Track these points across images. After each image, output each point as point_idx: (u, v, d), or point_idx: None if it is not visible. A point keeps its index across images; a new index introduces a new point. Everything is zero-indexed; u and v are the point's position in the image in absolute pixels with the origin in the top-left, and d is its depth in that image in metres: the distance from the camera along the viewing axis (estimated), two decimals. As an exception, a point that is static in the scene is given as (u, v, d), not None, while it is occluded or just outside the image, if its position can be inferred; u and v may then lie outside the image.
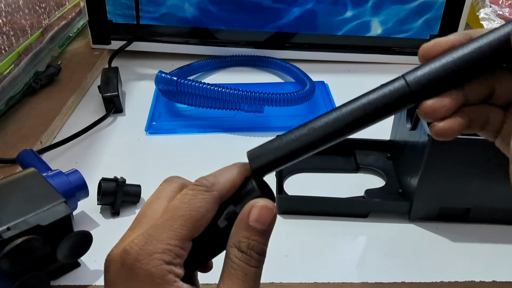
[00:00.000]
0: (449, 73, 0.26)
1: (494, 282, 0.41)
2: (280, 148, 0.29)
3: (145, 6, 0.76)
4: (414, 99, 0.27)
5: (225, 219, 0.26)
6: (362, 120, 0.27)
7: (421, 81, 0.27)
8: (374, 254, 0.43)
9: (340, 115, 0.27)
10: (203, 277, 0.40)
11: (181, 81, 0.59)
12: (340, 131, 0.27)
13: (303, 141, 0.28)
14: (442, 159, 0.42)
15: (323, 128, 0.28)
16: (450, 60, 0.27)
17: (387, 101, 0.28)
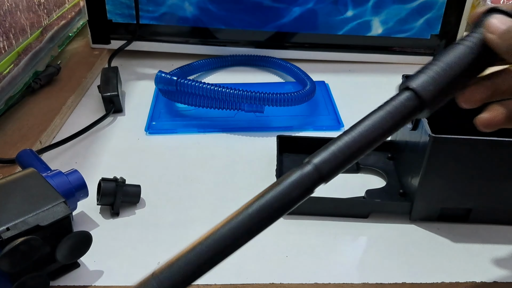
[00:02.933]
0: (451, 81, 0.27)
1: (495, 283, 0.41)
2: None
3: (145, 5, 0.76)
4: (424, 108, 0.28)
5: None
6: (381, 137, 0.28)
7: (429, 89, 0.28)
8: (375, 255, 0.43)
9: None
10: (202, 276, 0.40)
11: (181, 81, 0.59)
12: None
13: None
14: (443, 159, 0.42)
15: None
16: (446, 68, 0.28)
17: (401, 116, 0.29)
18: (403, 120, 0.29)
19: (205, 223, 0.46)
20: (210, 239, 0.28)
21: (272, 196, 0.28)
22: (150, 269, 0.41)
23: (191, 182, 0.52)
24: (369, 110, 0.71)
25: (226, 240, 0.28)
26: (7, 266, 0.34)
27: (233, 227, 0.28)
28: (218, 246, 0.28)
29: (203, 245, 0.28)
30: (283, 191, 0.28)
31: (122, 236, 0.45)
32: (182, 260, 0.28)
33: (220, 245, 0.28)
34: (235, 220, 0.29)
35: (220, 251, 0.28)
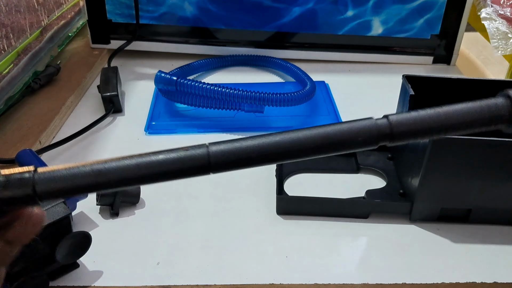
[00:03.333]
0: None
1: (495, 283, 0.41)
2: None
3: (145, 5, 0.76)
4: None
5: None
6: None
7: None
8: (375, 255, 0.43)
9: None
10: (203, 277, 0.40)
11: (181, 81, 0.59)
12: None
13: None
14: (443, 159, 0.42)
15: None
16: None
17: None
18: (488, 122, 0.28)
19: (205, 223, 0.46)
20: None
21: (336, 129, 0.27)
22: (150, 269, 0.41)
23: (191, 182, 0.52)
24: (369, 110, 0.71)
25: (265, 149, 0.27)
26: (7, 267, 0.34)
27: (285, 138, 0.27)
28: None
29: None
30: (349, 129, 0.27)
31: (121, 236, 0.44)
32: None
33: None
34: (288, 133, 0.27)
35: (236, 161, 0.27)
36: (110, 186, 0.26)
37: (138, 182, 0.27)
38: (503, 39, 0.69)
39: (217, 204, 0.49)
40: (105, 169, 0.27)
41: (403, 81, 0.50)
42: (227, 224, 0.46)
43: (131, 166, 0.27)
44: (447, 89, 0.51)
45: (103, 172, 0.27)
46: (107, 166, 0.27)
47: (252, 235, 0.45)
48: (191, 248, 0.43)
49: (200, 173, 0.27)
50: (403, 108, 0.49)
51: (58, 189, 0.26)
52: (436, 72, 0.77)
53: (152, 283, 0.40)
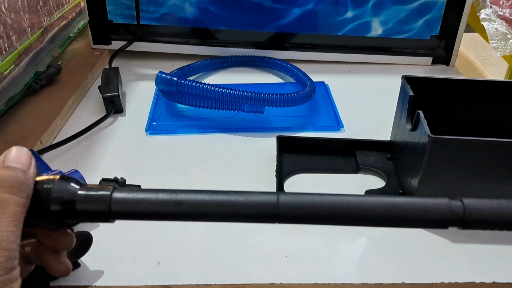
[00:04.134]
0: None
1: (494, 283, 0.41)
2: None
3: (146, 6, 0.76)
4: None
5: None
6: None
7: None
8: (374, 255, 0.43)
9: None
10: (203, 276, 0.40)
11: (182, 81, 0.59)
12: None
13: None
14: (442, 159, 0.42)
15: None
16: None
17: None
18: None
19: (205, 223, 0.47)
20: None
21: (410, 203, 0.27)
22: (150, 269, 0.41)
23: (191, 182, 0.52)
24: (369, 110, 0.71)
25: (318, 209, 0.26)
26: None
27: (348, 202, 0.27)
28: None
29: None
30: (423, 206, 0.27)
31: (122, 236, 0.45)
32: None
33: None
34: (353, 197, 0.27)
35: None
36: (184, 218, 0.27)
37: (211, 219, 0.27)
38: (502, 40, 0.69)
39: (218, 204, 0.49)
40: (183, 200, 0.27)
41: (402, 82, 0.50)
42: (227, 224, 0.46)
43: (207, 202, 0.27)
44: (446, 90, 0.51)
45: (180, 203, 0.27)
46: (185, 198, 0.28)
47: (252, 235, 0.45)
48: (192, 248, 0.44)
49: (268, 220, 0.27)
50: (403, 109, 0.49)
51: (132, 212, 0.26)
52: (435, 73, 0.77)
53: (153, 283, 0.40)
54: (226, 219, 0.27)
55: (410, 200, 0.27)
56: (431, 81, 0.51)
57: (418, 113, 0.45)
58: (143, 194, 0.27)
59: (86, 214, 0.26)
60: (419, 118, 0.44)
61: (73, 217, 0.26)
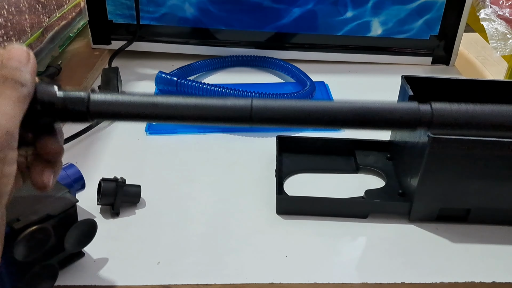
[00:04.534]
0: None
1: (494, 283, 0.41)
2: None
3: (145, 6, 0.76)
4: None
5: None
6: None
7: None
8: (374, 255, 0.43)
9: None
10: (203, 276, 0.40)
11: (181, 81, 0.59)
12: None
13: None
14: (442, 159, 0.42)
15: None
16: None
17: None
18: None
19: (205, 223, 0.47)
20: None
21: (382, 105, 0.28)
22: (150, 269, 0.41)
23: (191, 182, 0.52)
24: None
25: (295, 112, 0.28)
26: (22, 254, 0.34)
27: (320, 106, 0.28)
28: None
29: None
30: (391, 108, 0.29)
31: (122, 236, 0.45)
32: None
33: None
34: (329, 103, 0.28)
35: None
36: (158, 119, 0.28)
37: (186, 121, 0.28)
38: (502, 40, 0.69)
39: (217, 204, 0.49)
40: (159, 102, 0.28)
41: (402, 82, 0.50)
42: (227, 224, 0.46)
43: (182, 105, 0.28)
44: (446, 90, 0.51)
45: (157, 105, 0.28)
46: (161, 101, 0.28)
47: (252, 235, 0.45)
48: (191, 247, 0.44)
49: (242, 122, 0.28)
50: (402, 109, 0.49)
51: (109, 112, 0.28)
52: (435, 73, 0.77)
53: (153, 282, 0.40)
54: (202, 121, 0.28)
55: (381, 103, 0.28)
56: (431, 81, 0.51)
57: (417, 113, 0.44)
58: (121, 96, 0.28)
59: (66, 113, 0.29)
60: (418, 118, 0.44)
61: (53, 116, 0.29)
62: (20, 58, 0.29)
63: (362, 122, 0.28)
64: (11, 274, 0.36)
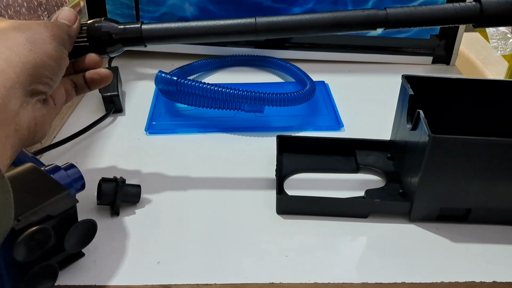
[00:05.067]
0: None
1: (494, 282, 0.41)
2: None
3: (145, 5, 0.76)
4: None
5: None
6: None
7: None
8: (375, 255, 0.43)
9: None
10: (203, 276, 0.40)
11: (181, 81, 0.59)
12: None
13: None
14: (442, 159, 0.42)
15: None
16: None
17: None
18: (458, 19, 0.40)
19: (205, 223, 0.47)
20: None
21: (349, 13, 0.41)
22: (150, 269, 0.41)
23: (191, 182, 0.52)
24: (369, 110, 0.71)
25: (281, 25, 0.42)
26: (22, 255, 0.34)
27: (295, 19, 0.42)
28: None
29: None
30: (358, 14, 0.41)
31: (122, 236, 0.45)
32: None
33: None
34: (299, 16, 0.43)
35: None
36: (193, 38, 0.43)
37: (207, 38, 0.43)
38: (502, 39, 0.69)
39: (217, 204, 0.49)
40: (193, 26, 0.42)
41: (402, 81, 0.50)
42: (227, 223, 0.46)
43: (206, 26, 0.42)
44: (446, 89, 0.51)
45: (191, 28, 0.42)
46: (194, 25, 0.42)
47: (252, 235, 0.45)
48: (191, 247, 0.44)
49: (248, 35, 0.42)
50: (403, 108, 0.49)
51: (158, 35, 0.42)
52: (435, 72, 0.77)
53: (153, 282, 0.40)
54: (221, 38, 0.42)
55: (348, 12, 0.41)
56: (431, 80, 0.51)
57: (418, 112, 0.44)
58: (161, 25, 0.43)
59: (126, 40, 0.42)
60: (419, 117, 0.44)
61: (115, 43, 0.42)
62: (69, 17, 0.40)
63: (338, 26, 0.42)
64: (11, 274, 0.36)
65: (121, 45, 0.42)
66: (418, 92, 0.47)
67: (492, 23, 0.41)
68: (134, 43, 0.42)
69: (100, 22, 0.42)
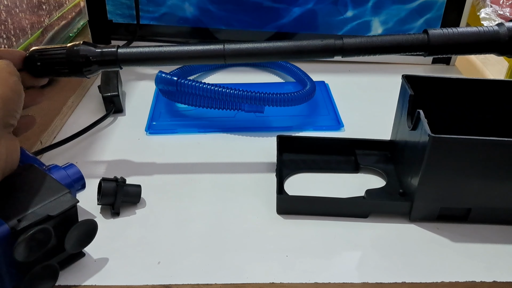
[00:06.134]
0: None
1: (494, 282, 0.41)
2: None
3: (145, 5, 0.76)
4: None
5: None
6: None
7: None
8: (375, 255, 0.43)
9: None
10: (203, 276, 0.40)
11: (181, 81, 0.59)
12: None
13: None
14: (442, 159, 0.42)
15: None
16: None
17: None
18: (408, 48, 0.44)
19: (205, 223, 0.47)
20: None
21: (309, 42, 0.45)
22: (150, 269, 0.41)
23: (191, 182, 0.52)
24: (369, 110, 0.71)
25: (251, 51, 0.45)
26: (22, 255, 0.34)
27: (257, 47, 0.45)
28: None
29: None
30: (312, 42, 0.45)
31: (122, 236, 0.45)
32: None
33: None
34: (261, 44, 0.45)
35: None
36: (163, 61, 0.46)
37: (179, 62, 0.47)
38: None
39: (217, 204, 0.49)
40: (166, 51, 0.45)
41: (402, 81, 0.50)
42: (227, 223, 0.46)
43: (177, 51, 0.45)
44: (446, 89, 0.51)
45: (163, 52, 0.45)
46: (167, 50, 0.45)
47: (252, 235, 0.45)
48: (192, 247, 0.44)
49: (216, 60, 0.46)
50: (403, 108, 0.49)
51: (132, 59, 0.45)
52: (435, 72, 0.77)
53: (153, 282, 0.40)
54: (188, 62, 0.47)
55: (309, 41, 0.45)
56: (431, 80, 0.51)
57: (418, 112, 0.45)
58: (136, 49, 0.45)
59: (102, 62, 0.45)
60: (419, 117, 0.44)
61: (91, 65, 0.44)
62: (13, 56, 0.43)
63: (297, 54, 0.45)
64: (11, 274, 0.36)
65: (97, 67, 0.45)
66: (418, 92, 0.47)
67: (439, 51, 0.43)
68: (110, 65, 0.45)
69: (78, 46, 0.44)
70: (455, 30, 0.43)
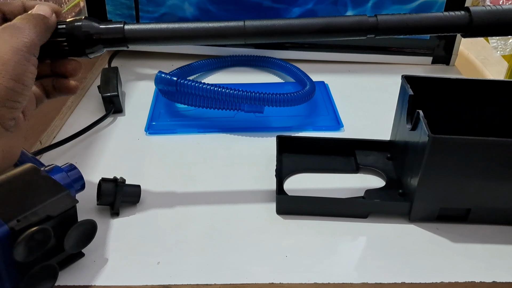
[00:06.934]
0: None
1: (494, 282, 0.41)
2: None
3: (145, 6, 0.76)
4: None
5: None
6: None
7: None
8: (374, 255, 0.43)
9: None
10: (203, 276, 0.40)
11: (181, 81, 0.59)
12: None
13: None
14: (442, 159, 0.42)
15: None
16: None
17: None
18: (447, 28, 0.41)
19: (205, 223, 0.47)
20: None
21: (340, 19, 0.40)
22: (150, 269, 0.41)
23: (191, 182, 0.52)
24: (369, 110, 0.71)
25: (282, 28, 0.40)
26: (22, 255, 0.34)
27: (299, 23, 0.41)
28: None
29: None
30: (342, 19, 0.40)
31: (122, 236, 0.45)
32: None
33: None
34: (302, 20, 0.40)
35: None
36: (179, 41, 0.40)
37: (194, 41, 0.41)
38: (502, 39, 0.69)
39: (217, 204, 0.49)
40: (177, 28, 0.40)
41: (402, 82, 0.50)
42: (227, 223, 0.46)
43: (196, 28, 0.40)
44: (446, 90, 0.51)
45: (176, 29, 0.40)
46: (180, 27, 0.40)
47: (252, 235, 0.45)
48: (191, 247, 0.44)
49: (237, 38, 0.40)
50: (403, 108, 0.49)
51: (142, 37, 0.40)
52: (435, 73, 0.77)
53: (153, 282, 0.40)
54: (206, 41, 0.41)
55: (339, 17, 0.40)
56: (431, 80, 0.51)
57: (418, 112, 0.45)
58: (145, 26, 0.40)
59: (107, 41, 0.40)
60: (419, 117, 0.44)
61: (96, 44, 0.40)
62: (45, 11, 0.39)
63: (329, 32, 0.40)
64: (11, 274, 0.36)
65: (101, 46, 0.40)
66: (418, 92, 0.47)
67: (482, 32, 0.40)
68: (116, 44, 0.40)
69: (80, 21, 0.40)
70: (499, 7, 0.38)
